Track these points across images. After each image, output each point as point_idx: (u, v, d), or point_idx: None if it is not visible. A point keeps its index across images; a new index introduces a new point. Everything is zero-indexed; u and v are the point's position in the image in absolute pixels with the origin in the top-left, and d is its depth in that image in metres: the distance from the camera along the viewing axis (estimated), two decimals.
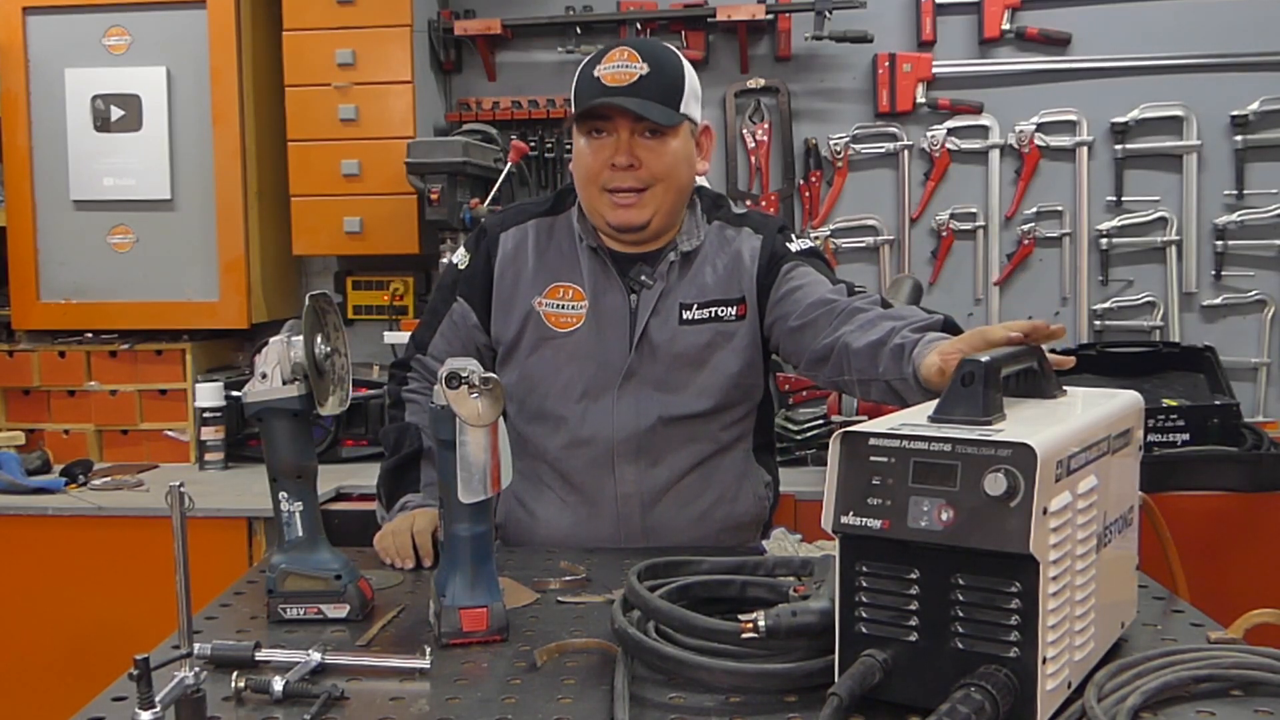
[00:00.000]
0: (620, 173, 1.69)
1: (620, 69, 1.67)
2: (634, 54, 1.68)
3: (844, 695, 0.96)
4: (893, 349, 1.49)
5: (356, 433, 2.98)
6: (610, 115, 1.68)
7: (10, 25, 3.05)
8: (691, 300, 1.77)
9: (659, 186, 1.70)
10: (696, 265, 1.78)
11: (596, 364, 1.76)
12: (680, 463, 1.78)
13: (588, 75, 1.69)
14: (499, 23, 3.17)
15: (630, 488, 1.76)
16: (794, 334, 1.71)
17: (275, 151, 3.12)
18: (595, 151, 1.70)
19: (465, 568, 1.29)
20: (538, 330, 1.78)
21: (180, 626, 1.06)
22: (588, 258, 1.78)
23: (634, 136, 1.68)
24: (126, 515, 2.59)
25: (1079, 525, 1.02)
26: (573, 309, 1.77)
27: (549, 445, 1.79)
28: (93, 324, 3.10)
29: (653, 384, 1.76)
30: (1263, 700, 1.04)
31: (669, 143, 1.70)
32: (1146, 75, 3.12)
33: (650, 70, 1.67)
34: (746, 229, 1.81)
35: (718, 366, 1.77)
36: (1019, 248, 3.18)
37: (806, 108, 3.25)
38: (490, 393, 1.25)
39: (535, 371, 1.79)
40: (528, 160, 3.20)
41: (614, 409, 1.76)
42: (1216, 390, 2.82)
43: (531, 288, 1.79)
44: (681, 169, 1.72)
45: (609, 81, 1.66)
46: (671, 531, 1.77)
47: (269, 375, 1.36)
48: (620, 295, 1.76)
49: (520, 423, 1.82)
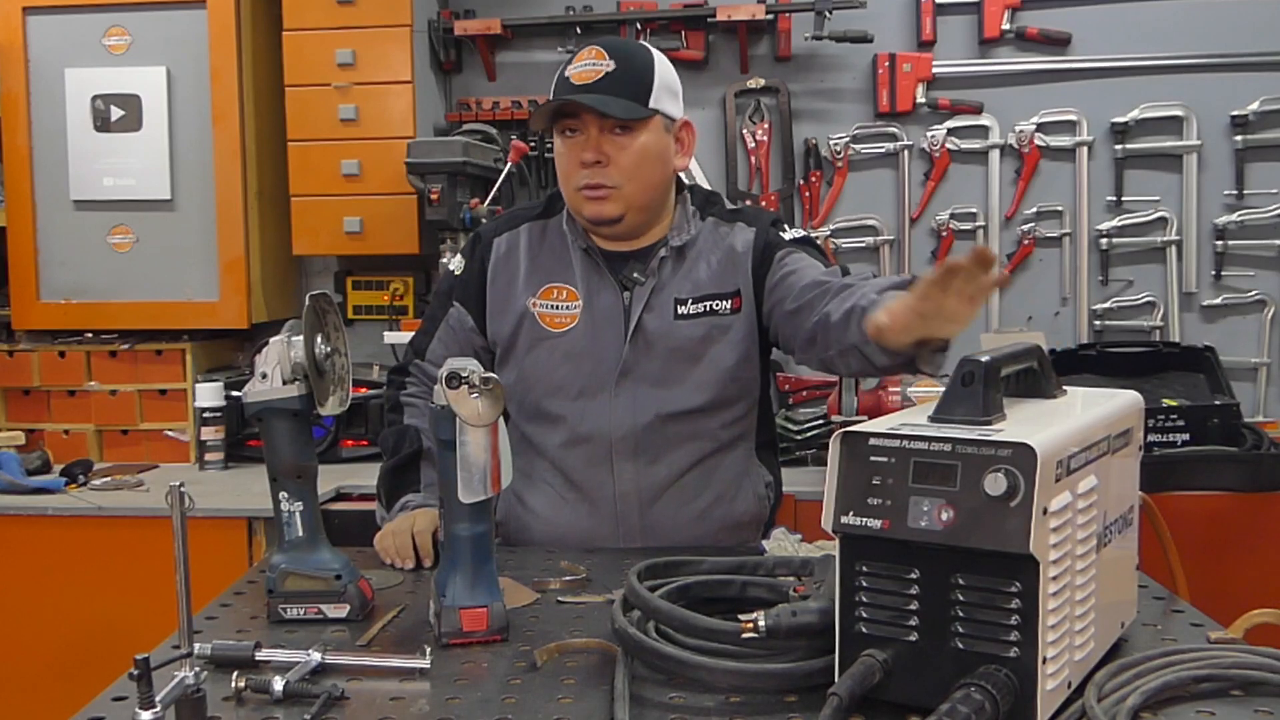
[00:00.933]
0: (590, 169, 1.70)
1: (587, 67, 1.69)
2: (601, 52, 1.70)
3: (844, 695, 0.96)
4: (856, 312, 1.48)
5: (356, 433, 2.97)
6: (577, 113, 1.70)
7: (10, 25, 3.04)
8: (686, 295, 1.78)
9: (629, 183, 1.71)
10: (690, 260, 1.80)
11: (592, 362, 1.77)
12: (679, 460, 1.78)
13: (560, 76, 1.72)
14: (499, 23, 3.17)
15: (629, 485, 1.77)
16: (790, 317, 1.70)
17: (275, 151, 3.12)
18: (568, 150, 1.73)
19: (465, 568, 1.29)
20: (533, 331, 1.79)
21: (180, 626, 1.06)
22: (580, 258, 1.79)
23: (602, 133, 1.70)
24: (126, 515, 2.59)
25: (1079, 525, 1.02)
26: (566, 309, 1.78)
27: (548, 443, 1.80)
28: (93, 324, 3.10)
29: (649, 380, 1.77)
30: (1263, 700, 1.04)
31: (637, 137, 1.71)
32: (1146, 75, 3.12)
33: (616, 67, 1.68)
34: (740, 223, 1.82)
35: (714, 360, 1.78)
36: (1019, 248, 3.18)
37: (806, 108, 3.25)
38: (490, 393, 1.25)
39: (532, 371, 1.80)
40: (528, 160, 3.19)
41: (611, 406, 1.76)
42: (1216, 390, 2.82)
43: (525, 289, 1.80)
44: (651, 164, 1.73)
45: (576, 80, 1.69)
46: (670, 530, 1.78)
47: (269, 375, 1.36)
48: (613, 293, 1.78)
49: (520, 421, 1.83)
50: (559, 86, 1.71)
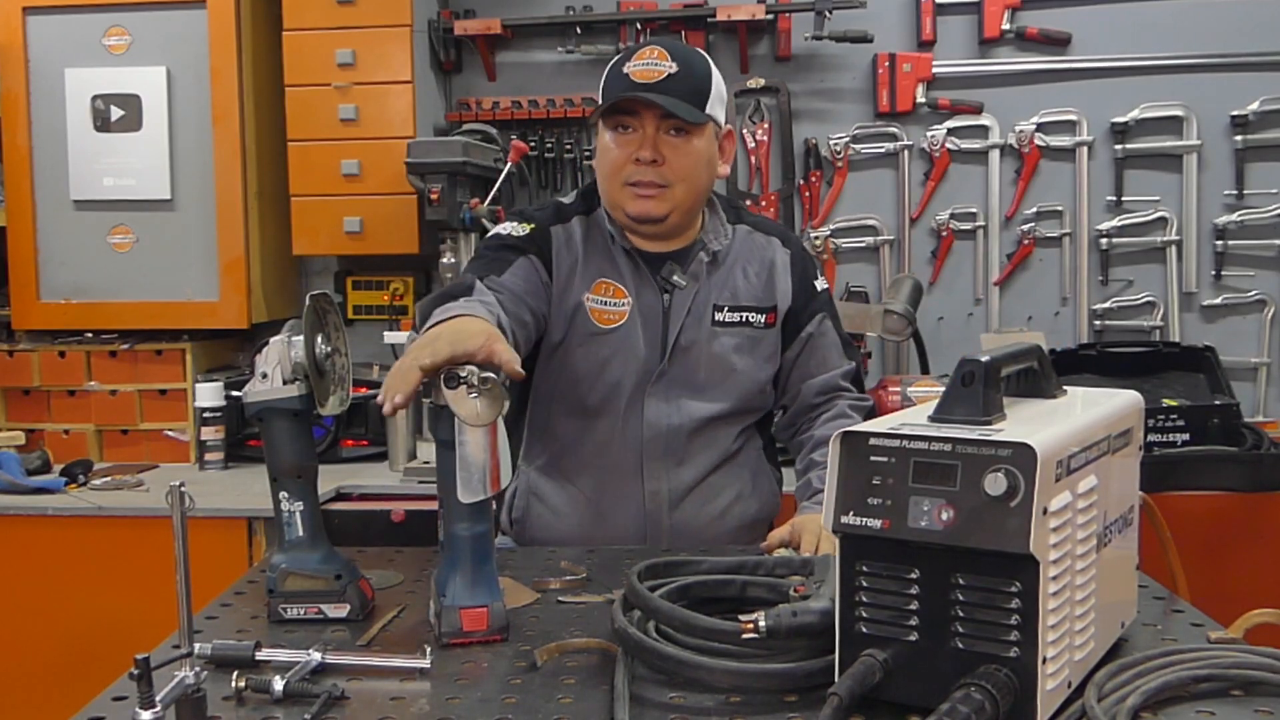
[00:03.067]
0: (644, 167, 1.71)
1: (649, 66, 1.69)
2: (664, 53, 1.71)
3: (844, 695, 0.96)
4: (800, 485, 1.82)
5: (356, 433, 2.97)
6: (637, 110, 1.71)
7: (10, 25, 3.04)
8: (724, 303, 1.81)
9: (680, 184, 1.73)
10: (727, 267, 1.82)
11: (636, 361, 1.78)
12: (704, 463, 1.80)
13: (617, 72, 1.72)
14: (499, 23, 3.17)
15: (657, 485, 1.78)
16: (791, 398, 1.87)
17: (275, 151, 3.12)
18: (621, 146, 1.73)
19: (465, 567, 1.29)
20: (584, 325, 1.78)
21: (180, 626, 1.06)
22: (622, 257, 1.80)
23: (659, 133, 1.71)
24: (126, 515, 2.59)
25: (1079, 525, 1.02)
26: (616, 306, 1.79)
27: (582, 441, 1.80)
28: (93, 324, 3.10)
29: (682, 385, 1.79)
30: (1263, 700, 1.04)
31: (693, 141, 1.72)
32: (1146, 75, 3.12)
33: (679, 69, 1.69)
34: (775, 239, 1.87)
35: (746, 370, 1.81)
36: (1019, 248, 3.18)
37: (806, 108, 3.25)
38: (489, 393, 1.25)
39: (580, 366, 1.79)
40: (528, 160, 3.20)
41: (645, 409, 1.78)
42: (1216, 390, 2.82)
43: (581, 282, 1.79)
44: (702, 169, 1.75)
45: (638, 78, 1.69)
46: (694, 529, 1.79)
47: (269, 375, 1.36)
48: (655, 295, 1.79)
49: (556, 418, 1.82)
50: (617, 81, 1.71)
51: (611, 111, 1.72)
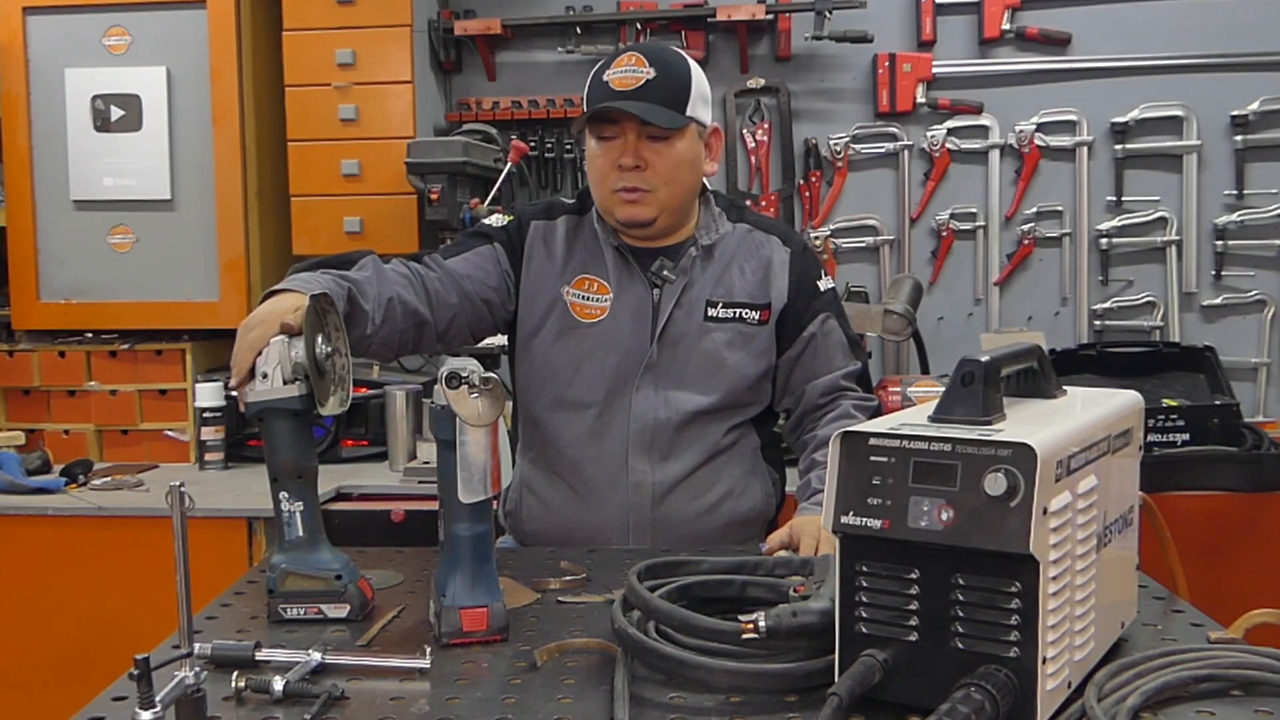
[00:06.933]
0: (627, 173, 1.74)
1: (627, 73, 1.72)
2: (641, 59, 1.73)
3: (844, 695, 0.96)
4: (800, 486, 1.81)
5: (356, 433, 2.97)
6: (617, 119, 1.73)
7: (10, 25, 3.04)
8: (718, 299, 1.82)
9: (664, 187, 1.76)
10: (720, 262, 1.84)
11: (619, 355, 1.79)
12: (692, 457, 1.80)
13: (598, 80, 1.75)
14: (499, 23, 3.17)
15: (642, 478, 1.79)
16: (794, 400, 1.86)
17: (275, 151, 3.12)
18: (605, 153, 1.77)
19: (465, 568, 1.29)
20: (563, 319, 1.81)
21: (180, 626, 1.06)
22: (611, 255, 1.83)
23: (640, 139, 1.74)
24: (126, 515, 2.59)
25: (1079, 525, 1.02)
26: (597, 301, 1.81)
27: (565, 434, 1.82)
28: (93, 324, 3.09)
29: (670, 378, 1.80)
30: (1263, 700, 1.04)
31: (674, 145, 1.75)
32: (1146, 75, 3.12)
33: (656, 74, 1.72)
34: (775, 238, 1.88)
35: (737, 366, 1.81)
36: (1019, 248, 3.18)
37: (806, 108, 3.25)
38: (490, 393, 1.25)
39: (558, 360, 1.82)
40: (528, 160, 3.20)
41: (632, 402, 1.79)
42: (1216, 390, 2.82)
43: (560, 277, 1.83)
44: (686, 170, 1.78)
45: (616, 86, 1.72)
46: (679, 524, 1.79)
47: (270, 375, 1.36)
48: (643, 289, 1.81)
49: (539, 410, 1.84)
50: (597, 90, 1.74)
51: (593, 120, 1.75)
